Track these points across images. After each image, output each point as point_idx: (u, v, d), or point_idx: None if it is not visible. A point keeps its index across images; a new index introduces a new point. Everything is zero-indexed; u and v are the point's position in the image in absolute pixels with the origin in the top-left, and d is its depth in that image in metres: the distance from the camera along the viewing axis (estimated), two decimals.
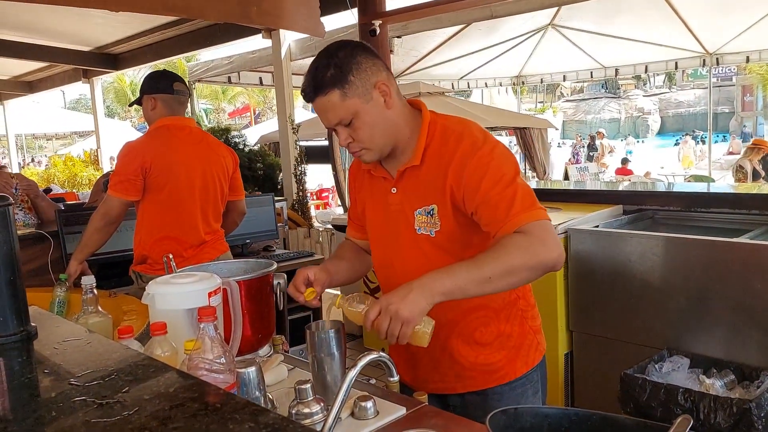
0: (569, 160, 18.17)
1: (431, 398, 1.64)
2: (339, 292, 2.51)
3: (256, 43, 8.17)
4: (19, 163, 18.04)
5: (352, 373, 1.17)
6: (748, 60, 10.07)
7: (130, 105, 3.00)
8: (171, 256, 1.97)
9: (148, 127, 2.96)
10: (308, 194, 8.19)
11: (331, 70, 1.49)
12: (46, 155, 25.33)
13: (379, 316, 1.38)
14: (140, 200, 2.82)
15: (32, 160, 24.91)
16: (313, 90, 1.52)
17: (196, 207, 2.89)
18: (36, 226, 3.72)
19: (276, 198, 4.70)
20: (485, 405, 1.64)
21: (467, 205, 1.52)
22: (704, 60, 9.78)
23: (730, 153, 20.91)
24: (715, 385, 2.54)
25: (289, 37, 7.37)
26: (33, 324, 1.16)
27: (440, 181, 1.55)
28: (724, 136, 26.20)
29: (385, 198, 1.67)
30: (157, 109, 2.89)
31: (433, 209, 1.58)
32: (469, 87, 13.35)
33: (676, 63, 10.35)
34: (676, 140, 24.77)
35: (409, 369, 1.75)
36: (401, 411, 1.40)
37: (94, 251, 2.83)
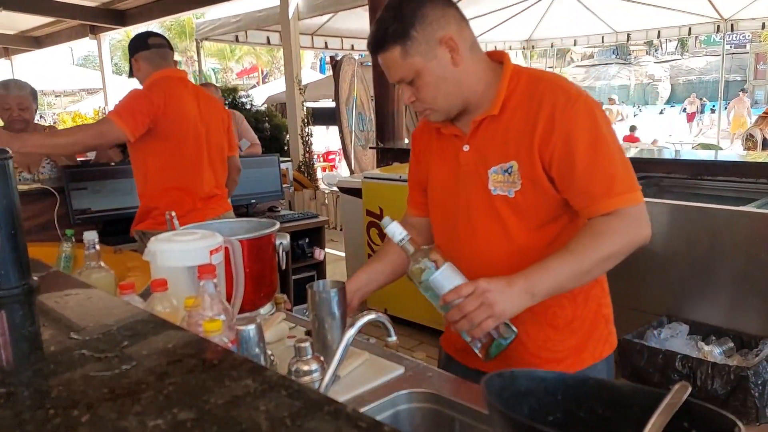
0: None
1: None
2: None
3: (264, 0, 8.08)
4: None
5: (351, 333, 1.18)
6: (764, 26, 9.90)
7: (129, 76, 2.98)
8: (174, 214, 1.96)
9: None
10: (315, 156, 8.17)
11: (393, 24, 1.37)
12: (54, 112, 25.26)
13: (470, 295, 1.25)
14: (145, 151, 2.76)
15: (41, 117, 24.86)
16: (373, 45, 1.42)
17: (203, 158, 2.87)
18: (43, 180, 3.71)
19: (282, 159, 4.69)
20: None
21: (555, 165, 1.36)
22: (718, 26, 9.63)
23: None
24: (713, 352, 2.56)
25: None
26: (35, 278, 1.17)
27: (526, 133, 1.38)
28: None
29: (456, 158, 1.50)
30: (142, 70, 2.86)
31: (512, 167, 1.40)
32: None
33: (690, 28, 10.18)
34: (683, 108, 24.36)
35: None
36: (399, 370, 1.42)
37: (47, 154, 2.82)
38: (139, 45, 2.87)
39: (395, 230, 1.36)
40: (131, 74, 2.94)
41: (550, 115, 1.35)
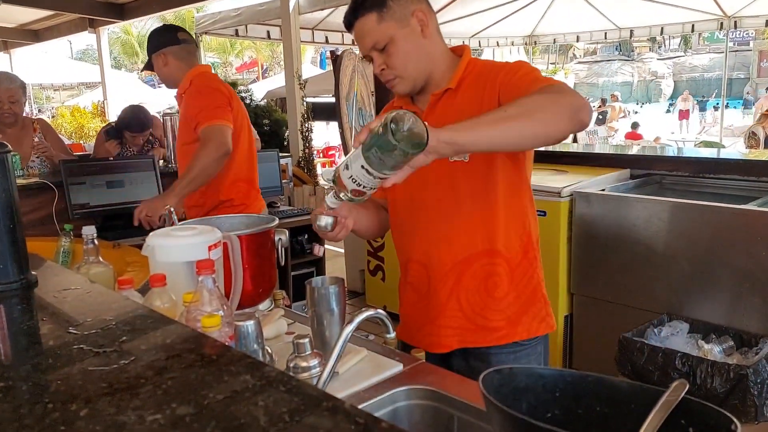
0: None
1: (433, 359, 1.60)
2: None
3: None
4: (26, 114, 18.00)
5: (349, 329, 1.18)
6: (767, 24, 9.87)
7: (142, 70, 2.91)
8: (172, 209, 1.96)
9: (163, 84, 2.86)
10: (315, 152, 8.16)
11: None
12: (53, 106, 25.22)
13: None
14: None
15: (39, 111, 24.84)
16: (351, 12, 1.54)
17: (248, 149, 2.88)
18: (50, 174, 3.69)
19: (281, 154, 4.69)
20: (488, 366, 1.55)
21: (501, 94, 1.47)
22: (722, 23, 9.58)
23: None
24: (713, 351, 2.56)
25: None
26: (33, 272, 1.17)
27: (477, 100, 1.51)
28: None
29: None
30: (170, 65, 2.77)
31: None
32: (480, 46, 13.17)
33: (693, 25, 10.14)
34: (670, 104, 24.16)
35: (408, 320, 1.75)
36: (398, 367, 1.42)
37: (199, 187, 2.62)
38: (168, 39, 2.76)
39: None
40: (148, 67, 2.83)
41: (495, 76, 1.50)
